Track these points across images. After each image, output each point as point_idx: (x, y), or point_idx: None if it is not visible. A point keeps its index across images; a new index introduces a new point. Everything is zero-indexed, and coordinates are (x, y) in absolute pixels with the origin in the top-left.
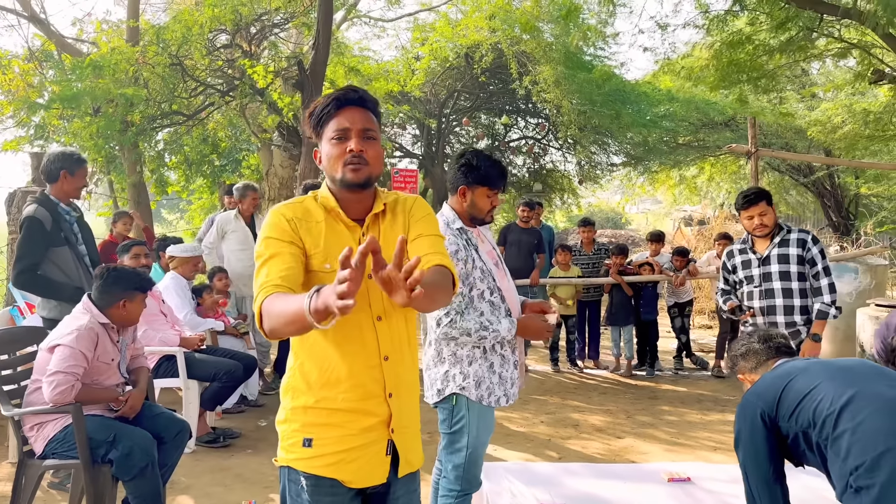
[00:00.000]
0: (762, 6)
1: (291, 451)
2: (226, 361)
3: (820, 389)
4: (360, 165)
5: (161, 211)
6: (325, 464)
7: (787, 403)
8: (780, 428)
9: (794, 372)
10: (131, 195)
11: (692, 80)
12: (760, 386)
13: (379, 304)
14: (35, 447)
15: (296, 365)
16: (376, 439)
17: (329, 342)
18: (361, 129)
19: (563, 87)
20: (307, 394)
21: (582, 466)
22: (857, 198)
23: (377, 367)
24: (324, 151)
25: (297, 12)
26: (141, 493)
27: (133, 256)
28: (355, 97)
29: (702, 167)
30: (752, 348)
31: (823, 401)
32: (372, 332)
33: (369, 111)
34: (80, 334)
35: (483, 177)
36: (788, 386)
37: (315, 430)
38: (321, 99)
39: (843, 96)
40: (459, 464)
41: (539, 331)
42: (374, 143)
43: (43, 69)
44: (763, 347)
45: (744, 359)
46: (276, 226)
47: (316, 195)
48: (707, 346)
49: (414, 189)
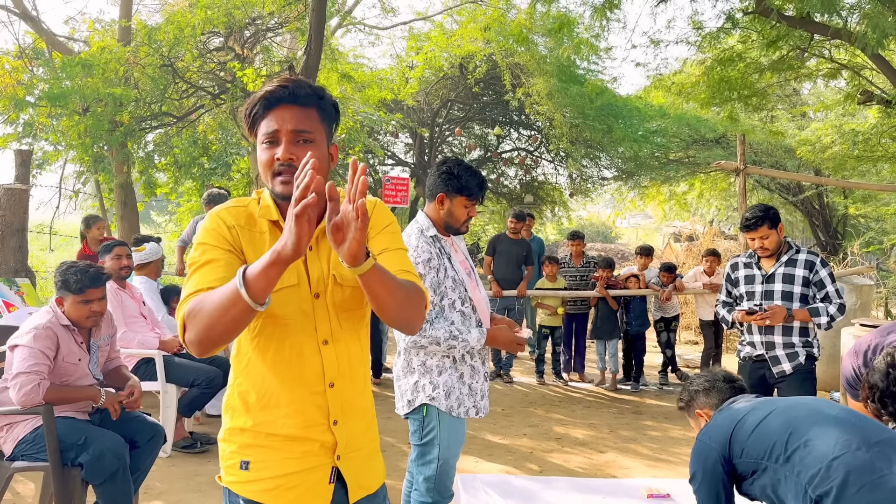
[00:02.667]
0: (754, 24)
1: (230, 472)
2: (205, 367)
3: (768, 421)
4: (289, 177)
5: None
6: (262, 489)
7: (740, 441)
8: (736, 467)
9: (742, 411)
10: (118, 196)
11: (683, 96)
12: (713, 428)
13: (326, 326)
14: (4, 448)
15: (235, 383)
16: (318, 465)
17: (267, 366)
18: (292, 130)
19: (555, 100)
20: (245, 415)
21: (562, 480)
22: (846, 218)
23: (321, 394)
24: (257, 157)
25: (291, 17)
26: (111, 498)
27: (115, 257)
28: (285, 94)
29: (692, 183)
30: (717, 386)
31: (772, 430)
32: (317, 357)
33: (311, 107)
34: (36, 333)
35: (462, 186)
36: (739, 424)
37: (252, 452)
38: (254, 95)
39: (832, 116)
40: (430, 475)
41: (509, 342)
42: (309, 146)
43: (33, 67)
44: (727, 387)
45: (706, 395)
46: (215, 231)
47: (259, 198)
48: (692, 363)
49: (405, 197)
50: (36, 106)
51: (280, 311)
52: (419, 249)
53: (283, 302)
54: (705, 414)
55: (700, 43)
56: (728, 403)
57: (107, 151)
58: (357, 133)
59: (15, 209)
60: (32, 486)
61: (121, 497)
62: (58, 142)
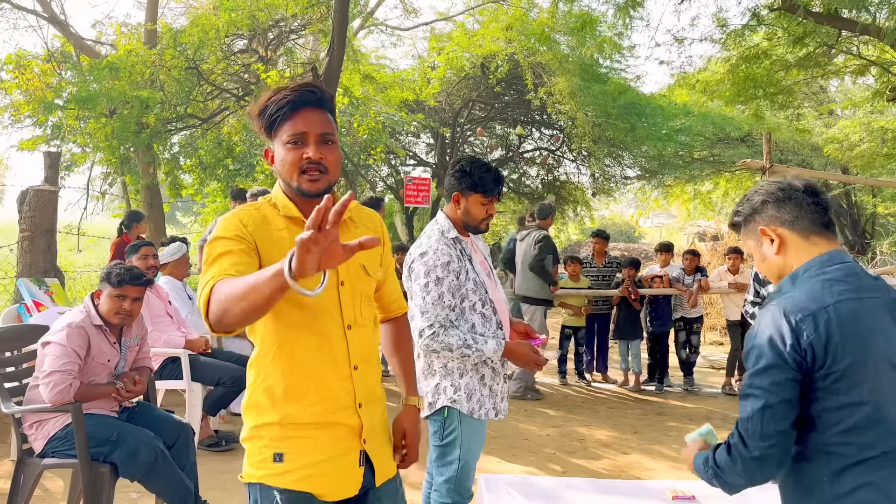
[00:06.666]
0: (780, 21)
1: (261, 466)
2: (230, 366)
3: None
4: (318, 174)
5: (176, 214)
6: (298, 478)
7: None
8: (815, 392)
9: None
10: (144, 197)
11: (708, 94)
12: (801, 298)
13: (350, 312)
14: (35, 445)
15: (256, 381)
16: (347, 450)
17: (296, 356)
18: (320, 133)
19: (578, 99)
20: (272, 410)
21: (585, 481)
22: (874, 217)
23: (347, 377)
24: (278, 155)
25: (314, 19)
26: (163, 488)
27: (142, 257)
28: (313, 98)
29: (717, 182)
30: (794, 196)
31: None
32: (343, 341)
33: (327, 111)
34: (69, 332)
35: (476, 184)
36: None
37: (284, 444)
38: (273, 95)
39: (860, 114)
40: (451, 477)
41: (527, 360)
42: (333, 147)
43: (61, 70)
44: (813, 204)
45: (778, 206)
46: (231, 227)
47: (272, 202)
48: (718, 363)
49: (427, 197)
50: (64, 108)
51: (310, 298)
52: (438, 252)
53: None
54: (775, 233)
55: (725, 40)
56: (822, 263)
57: (133, 153)
58: (379, 134)
59: (44, 210)
60: (61, 483)
61: (170, 484)
62: (85, 144)
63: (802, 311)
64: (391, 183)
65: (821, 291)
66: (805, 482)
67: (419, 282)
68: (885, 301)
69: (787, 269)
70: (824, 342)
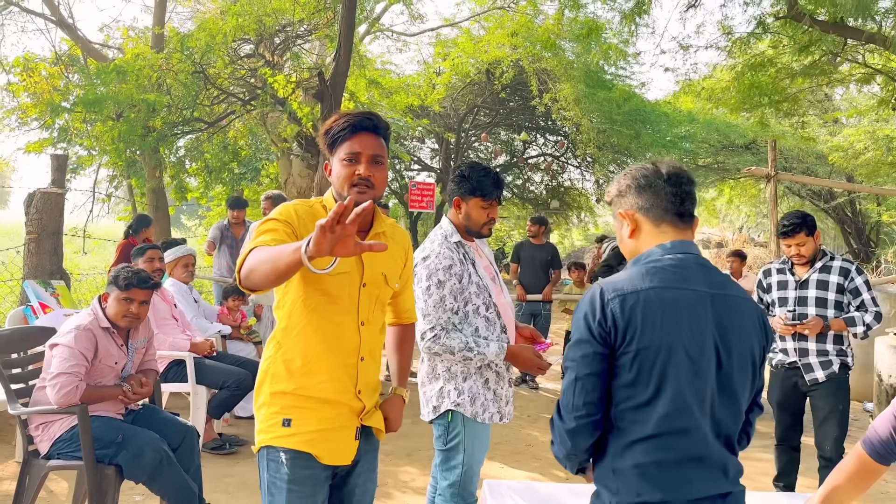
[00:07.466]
0: (785, 29)
1: (270, 431)
2: (235, 370)
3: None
4: (366, 189)
5: (181, 217)
6: (303, 440)
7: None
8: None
9: (659, 291)
10: (150, 200)
11: (713, 101)
12: (621, 280)
13: (366, 310)
14: (40, 447)
15: (277, 353)
16: (347, 425)
17: (316, 337)
18: (372, 154)
19: (582, 106)
20: (287, 380)
21: (588, 488)
22: (879, 225)
23: (353, 366)
24: (335, 169)
25: (320, 24)
26: (167, 490)
27: (147, 260)
28: (370, 125)
29: (721, 189)
30: (654, 184)
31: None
32: (356, 335)
33: (381, 137)
34: (77, 334)
35: (475, 187)
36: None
37: (293, 411)
38: (337, 119)
39: (866, 122)
40: (455, 481)
41: (529, 363)
42: (381, 167)
43: (68, 73)
44: (670, 194)
45: (638, 192)
46: (284, 213)
47: (324, 203)
48: None
49: (431, 202)
50: (71, 111)
51: (335, 291)
52: (441, 256)
53: (337, 285)
54: (630, 218)
55: (730, 48)
56: (662, 251)
57: (139, 156)
58: None
59: (51, 213)
60: (66, 485)
61: (178, 488)
62: (92, 147)
63: (616, 291)
64: (395, 188)
65: (640, 276)
66: (600, 452)
67: (421, 285)
68: (712, 296)
69: (637, 252)
70: (626, 322)
